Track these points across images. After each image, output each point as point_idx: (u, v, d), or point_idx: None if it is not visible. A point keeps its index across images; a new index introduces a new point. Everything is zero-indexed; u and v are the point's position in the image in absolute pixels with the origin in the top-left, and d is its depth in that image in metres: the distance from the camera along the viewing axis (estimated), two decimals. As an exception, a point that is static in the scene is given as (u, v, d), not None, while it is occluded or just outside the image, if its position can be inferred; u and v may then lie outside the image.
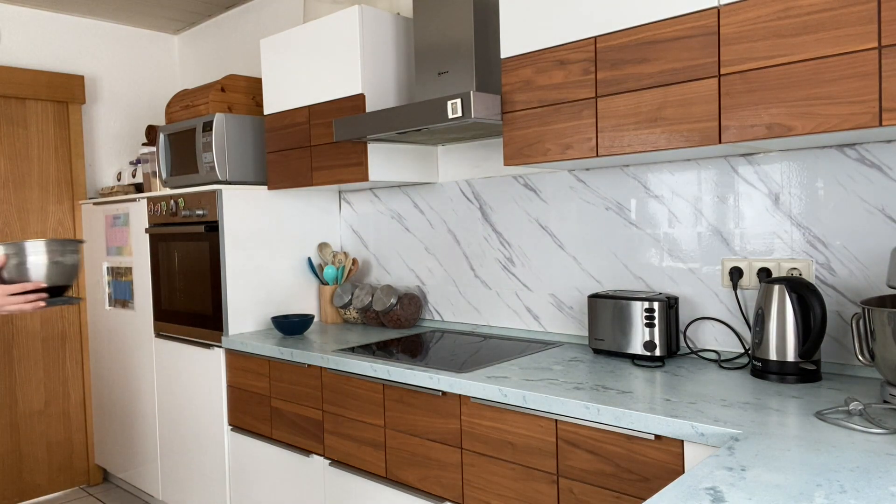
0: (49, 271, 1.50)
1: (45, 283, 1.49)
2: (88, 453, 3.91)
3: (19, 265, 1.48)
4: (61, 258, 1.51)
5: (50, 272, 1.50)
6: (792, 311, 1.75)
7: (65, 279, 1.52)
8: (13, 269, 1.48)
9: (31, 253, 1.48)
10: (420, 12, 2.43)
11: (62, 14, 3.84)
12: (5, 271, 1.47)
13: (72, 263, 1.54)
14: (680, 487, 1.11)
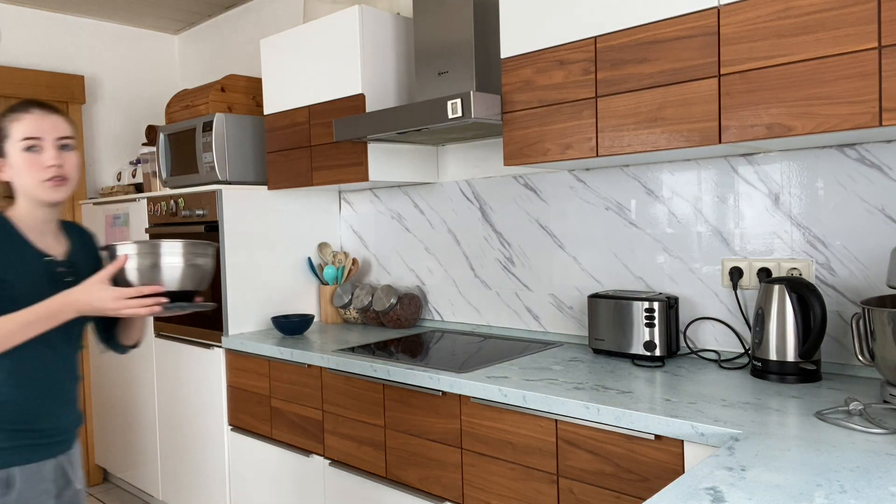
0: (183, 274, 1.42)
1: (175, 286, 1.42)
2: (88, 453, 3.91)
3: (152, 266, 1.41)
4: (196, 261, 1.43)
5: (184, 275, 1.42)
6: (792, 311, 1.75)
7: (196, 284, 1.44)
8: (145, 270, 1.41)
9: (167, 254, 1.40)
10: (420, 12, 2.43)
11: (62, 14, 3.85)
12: (137, 272, 1.41)
13: (207, 267, 1.46)
14: (680, 487, 1.11)
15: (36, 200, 1.47)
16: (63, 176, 1.46)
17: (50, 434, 1.48)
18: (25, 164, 1.43)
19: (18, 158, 1.44)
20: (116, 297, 1.37)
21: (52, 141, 1.45)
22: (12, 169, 1.45)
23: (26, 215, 1.49)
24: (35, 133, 1.44)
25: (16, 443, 1.42)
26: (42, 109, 1.47)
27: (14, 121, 1.44)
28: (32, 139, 1.43)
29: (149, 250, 1.41)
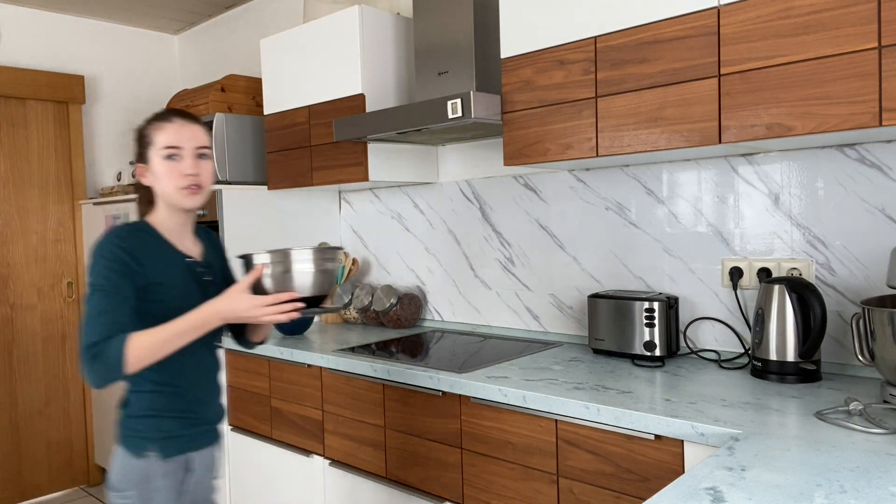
0: (315, 280, 1.47)
1: (308, 292, 1.47)
2: (88, 453, 3.91)
3: (284, 273, 1.46)
4: (325, 266, 1.48)
5: (315, 281, 1.47)
6: (792, 311, 1.75)
7: (325, 288, 1.49)
8: (278, 278, 1.46)
9: (298, 261, 1.45)
10: (420, 12, 2.43)
11: (62, 14, 3.84)
12: (270, 279, 1.47)
13: (334, 272, 1.51)
14: (680, 487, 1.11)
15: (177, 206, 1.54)
16: (199, 184, 1.52)
17: (210, 422, 1.60)
18: (165, 171, 1.50)
19: (159, 166, 1.50)
20: (257, 305, 1.42)
21: (191, 150, 1.52)
22: (153, 175, 1.52)
23: (166, 220, 1.56)
24: (175, 142, 1.50)
25: (190, 430, 1.54)
26: (183, 119, 1.53)
27: (157, 129, 1.51)
28: (173, 148, 1.50)
29: (281, 258, 1.46)
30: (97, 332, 1.37)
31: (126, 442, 1.50)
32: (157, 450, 1.49)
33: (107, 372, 1.35)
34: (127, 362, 1.35)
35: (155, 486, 1.49)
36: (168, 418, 1.51)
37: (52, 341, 3.80)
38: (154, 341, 1.38)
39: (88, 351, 1.35)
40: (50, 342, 3.79)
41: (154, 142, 1.51)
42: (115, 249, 1.44)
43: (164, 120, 1.52)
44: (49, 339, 3.79)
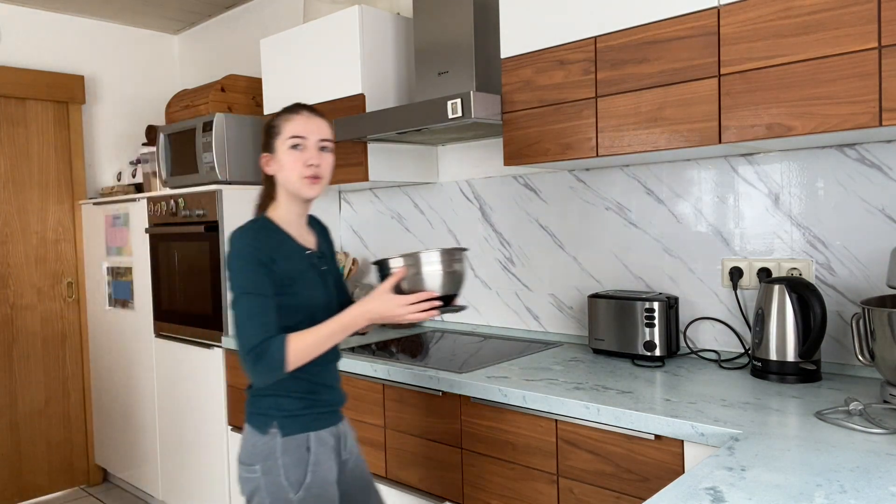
0: (444, 280, 1.53)
1: (439, 292, 1.53)
2: (88, 453, 3.92)
3: (415, 275, 1.52)
4: (453, 267, 1.54)
5: (444, 281, 1.53)
6: (792, 311, 1.75)
7: (455, 288, 1.55)
8: (410, 279, 1.52)
9: (427, 263, 1.52)
10: (420, 12, 2.43)
11: (62, 14, 3.85)
12: (405, 281, 1.53)
13: (461, 272, 1.57)
14: (680, 487, 1.11)
15: (294, 195, 1.60)
16: (319, 175, 1.59)
17: (330, 404, 1.63)
18: (289, 160, 1.57)
19: (285, 155, 1.57)
20: (401, 304, 1.50)
21: (315, 142, 1.59)
22: (278, 164, 1.59)
23: (286, 212, 1.62)
24: (301, 132, 1.57)
25: (311, 411, 1.59)
26: (310, 112, 1.61)
27: (285, 120, 1.58)
28: (298, 137, 1.57)
29: (413, 262, 1.53)
30: (255, 335, 1.45)
31: (252, 419, 1.59)
32: (278, 427, 1.56)
33: (269, 372, 1.45)
34: (287, 363, 1.45)
35: (277, 462, 1.54)
36: (288, 398, 1.57)
37: (52, 341, 3.80)
38: (310, 342, 1.47)
39: (250, 354, 1.45)
40: (50, 342, 3.79)
41: (282, 131, 1.58)
42: (253, 251, 1.50)
43: (293, 112, 1.60)
44: (49, 339, 3.79)
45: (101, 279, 3.68)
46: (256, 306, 1.47)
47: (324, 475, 1.58)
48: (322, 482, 1.57)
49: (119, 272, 3.53)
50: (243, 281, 1.48)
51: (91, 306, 3.83)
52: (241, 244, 1.50)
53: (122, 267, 3.50)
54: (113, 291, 3.59)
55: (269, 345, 1.44)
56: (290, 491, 1.53)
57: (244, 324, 1.46)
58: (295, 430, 1.56)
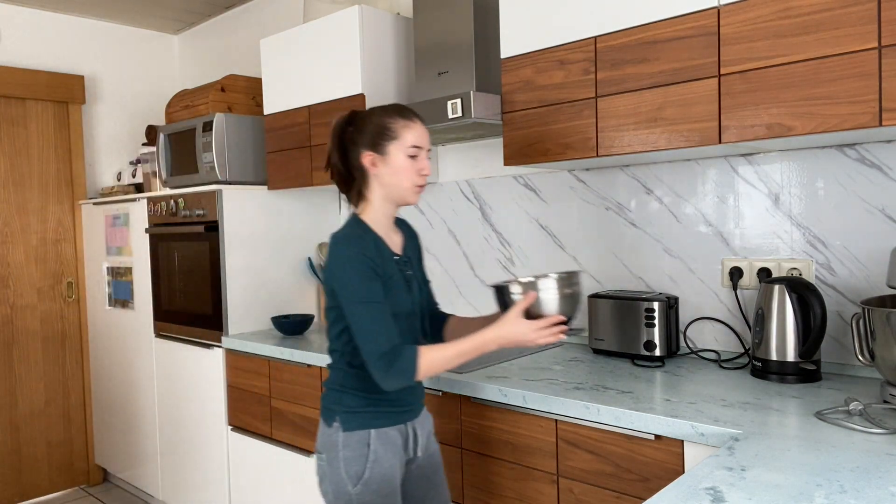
0: (566, 304, 1.56)
1: (562, 315, 1.55)
2: (88, 453, 3.92)
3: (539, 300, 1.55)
4: (574, 290, 1.58)
5: (566, 305, 1.56)
6: (792, 311, 1.75)
7: (575, 310, 1.58)
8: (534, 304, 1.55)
9: (548, 289, 1.54)
10: (420, 12, 2.43)
11: (62, 14, 3.85)
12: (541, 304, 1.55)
13: (580, 294, 1.60)
14: (680, 487, 1.11)
15: (397, 200, 1.62)
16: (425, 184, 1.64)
17: (398, 404, 1.63)
18: (406, 167, 1.58)
19: (402, 161, 1.57)
20: (534, 329, 1.51)
21: (426, 152, 1.62)
22: (389, 167, 1.58)
23: (380, 214, 1.63)
24: (421, 142, 1.59)
25: (372, 409, 1.60)
26: (420, 120, 1.63)
27: (406, 127, 1.58)
28: (418, 147, 1.59)
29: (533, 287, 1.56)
30: (383, 342, 1.48)
31: (322, 411, 1.65)
32: (339, 422, 1.59)
33: (400, 380, 1.48)
34: (418, 372, 1.48)
35: (339, 454, 1.58)
36: (351, 394, 1.60)
37: (52, 341, 3.80)
38: (440, 357, 1.50)
39: (380, 361, 1.47)
40: (50, 342, 3.79)
41: (401, 137, 1.57)
42: (364, 259, 1.51)
43: (411, 119, 1.60)
44: (49, 339, 3.79)
45: (101, 279, 3.68)
46: (377, 314, 1.49)
47: (383, 472, 1.59)
48: (380, 478, 1.58)
49: (119, 272, 3.53)
50: (358, 290, 1.49)
51: (91, 306, 3.83)
52: (351, 252, 1.51)
53: (122, 267, 3.50)
54: (113, 291, 3.59)
55: (401, 352, 1.47)
56: (349, 484, 1.57)
57: (369, 331, 1.48)
58: (354, 427, 1.59)
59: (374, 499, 1.57)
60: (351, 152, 1.62)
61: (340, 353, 1.61)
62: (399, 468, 1.62)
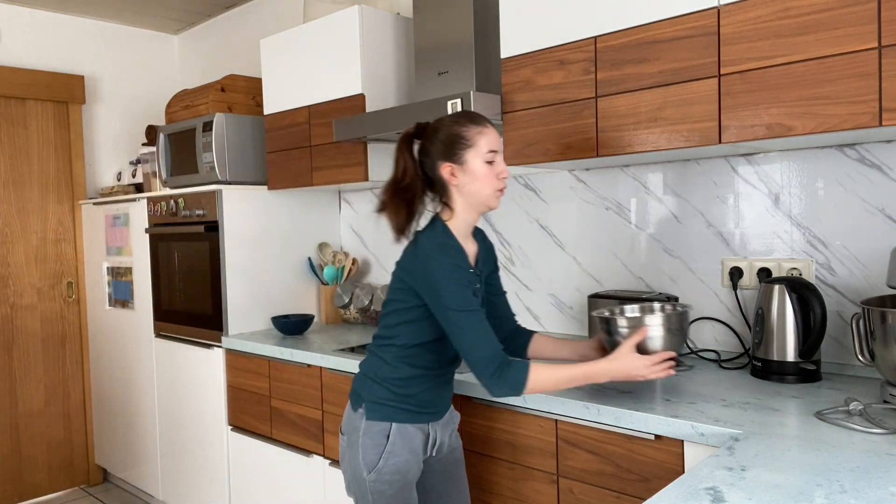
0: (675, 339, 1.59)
1: (671, 350, 1.58)
2: (88, 453, 3.92)
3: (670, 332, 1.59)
4: (682, 326, 1.61)
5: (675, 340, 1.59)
6: (792, 311, 1.75)
7: (681, 346, 1.62)
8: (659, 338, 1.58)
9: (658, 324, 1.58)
10: (420, 12, 2.43)
11: (62, 14, 3.85)
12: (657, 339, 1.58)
13: (687, 330, 1.64)
14: (680, 487, 1.11)
15: (480, 208, 1.62)
16: None
17: (425, 405, 1.64)
18: (486, 173, 1.58)
19: (481, 168, 1.57)
20: (647, 365, 1.52)
21: (501, 154, 1.62)
22: (468, 176, 1.58)
23: (463, 223, 1.63)
24: (496, 147, 1.59)
25: (397, 404, 1.62)
26: (492, 124, 1.62)
27: (480, 134, 1.58)
28: (494, 152, 1.59)
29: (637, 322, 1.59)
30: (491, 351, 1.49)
31: (351, 393, 1.70)
32: (364, 409, 1.63)
33: (509, 390, 1.49)
34: (527, 387, 1.49)
35: (359, 439, 1.62)
36: (380, 385, 1.62)
37: (52, 341, 3.80)
38: (551, 378, 1.51)
39: (489, 368, 1.48)
40: (50, 342, 3.79)
41: (477, 145, 1.57)
42: (459, 269, 1.53)
43: (483, 124, 1.59)
44: (49, 339, 3.79)
45: (101, 279, 3.68)
46: (480, 322, 1.50)
47: (397, 465, 1.61)
48: (394, 471, 1.60)
49: (119, 272, 3.53)
50: (458, 298, 1.50)
51: (91, 306, 3.83)
52: (450, 261, 1.52)
53: (122, 267, 3.50)
54: (113, 291, 3.59)
55: (511, 367, 1.49)
56: (364, 470, 1.61)
57: (476, 339, 1.49)
58: (378, 417, 1.62)
59: (386, 489, 1.60)
60: (425, 165, 1.62)
61: (388, 343, 1.63)
62: (415, 464, 1.64)
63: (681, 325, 1.60)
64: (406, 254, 1.61)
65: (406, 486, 1.63)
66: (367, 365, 1.68)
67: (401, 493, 1.62)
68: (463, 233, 1.63)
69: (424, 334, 1.60)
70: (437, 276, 1.51)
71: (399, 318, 1.61)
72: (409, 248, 1.61)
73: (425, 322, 1.59)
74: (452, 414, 1.76)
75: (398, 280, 1.61)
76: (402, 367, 1.62)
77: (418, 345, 1.61)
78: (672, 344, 1.58)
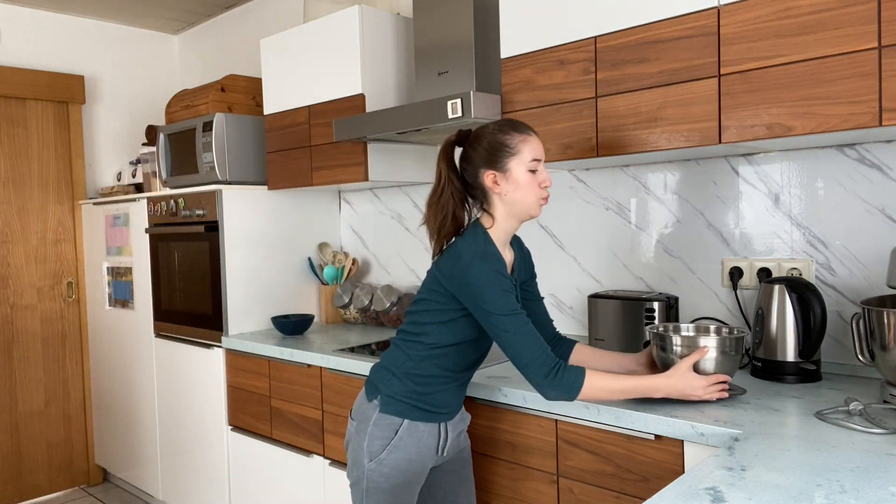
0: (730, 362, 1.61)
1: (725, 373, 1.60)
2: (88, 453, 3.92)
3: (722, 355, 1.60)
4: (738, 350, 1.63)
5: (730, 363, 1.61)
6: (792, 311, 1.75)
7: (734, 370, 1.63)
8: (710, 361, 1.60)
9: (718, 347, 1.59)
10: (420, 12, 2.43)
11: (62, 14, 3.85)
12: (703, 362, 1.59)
13: (742, 356, 1.66)
14: (680, 487, 1.11)
15: (522, 216, 1.62)
16: None
17: (437, 407, 1.65)
18: (529, 182, 1.57)
19: (525, 177, 1.57)
20: (703, 386, 1.54)
21: (543, 163, 1.61)
22: (511, 185, 1.58)
23: (502, 232, 1.63)
24: (539, 155, 1.59)
25: (410, 401, 1.63)
26: (535, 133, 1.62)
27: (523, 142, 1.58)
28: (537, 161, 1.58)
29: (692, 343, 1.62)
30: (544, 354, 1.50)
31: (367, 382, 1.72)
32: (379, 402, 1.65)
33: (563, 394, 1.50)
34: (581, 393, 1.49)
35: (368, 428, 1.64)
36: (398, 379, 1.64)
37: (52, 341, 3.80)
38: (606, 387, 1.51)
39: (543, 369, 1.49)
40: (50, 342, 3.79)
41: (520, 152, 1.57)
42: (501, 277, 1.53)
43: (527, 133, 1.59)
44: (49, 339, 3.79)
45: (101, 279, 3.68)
46: (523, 324, 1.51)
47: (398, 462, 1.62)
48: (394, 466, 1.62)
49: (119, 272, 3.53)
50: (503, 304, 1.51)
51: (91, 306, 3.83)
52: (493, 268, 1.52)
53: (122, 267, 3.50)
54: (113, 291, 3.59)
55: (568, 372, 1.50)
56: (366, 458, 1.63)
57: (524, 342, 1.50)
58: (391, 411, 1.63)
59: (382, 481, 1.62)
60: (466, 172, 1.62)
61: (416, 340, 1.64)
62: (419, 465, 1.65)
63: (737, 348, 1.62)
64: (446, 257, 1.60)
65: (404, 486, 1.63)
66: (389, 358, 1.69)
67: (396, 490, 1.62)
68: (502, 241, 1.63)
69: (456, 336, 1.61)
70: (480, 283, 1.51)
71: (432, 318, 1.62)
72: (450, 252, 1.60)
73: (458, 324, 1.60)
74: (463, 414, 1.77)
75: (435, 282, 1.61)
76: (426, 365, 1.62)
77: (448, 345, 1.62)
78: (727, 367, 1.60)
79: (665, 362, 1.64)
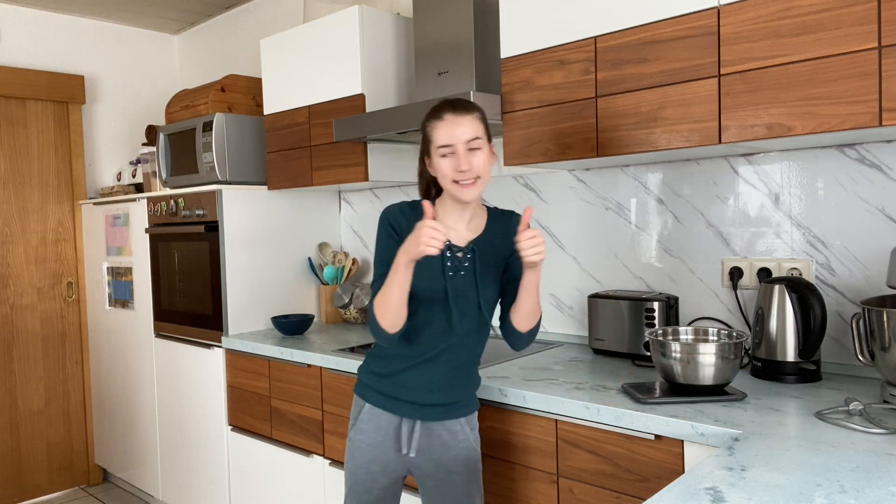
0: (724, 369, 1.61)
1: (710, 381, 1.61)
2: (88, 453, 3.92)
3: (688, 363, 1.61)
4: (734, 356, 1.62)
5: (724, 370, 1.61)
6: (792, 311, 1.75)
7: (732, 375, 1.63)
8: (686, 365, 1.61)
9: (707, 353, 1.60)
10: (420, 12, 2.43)
11: (62, 14, 3.84)
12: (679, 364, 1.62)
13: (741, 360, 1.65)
14: (680, 487, 1.11)
15: (452, 199, 1.63)
16: (470, 178, 1.56)
17: (392, 392, 1.69)
18: (441, 168, 1.58)
19: (437, 161, 1.59)
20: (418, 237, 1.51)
21: (463, 145, 1.55)
22: (434, 169, 1.62)
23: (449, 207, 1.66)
24: (447, 142, 1.56)
25: (374, 385, 1.70)
26: (454, 114, 1.57)
27: (433, 128, 1.59)
28: (445, 147, 1.56)
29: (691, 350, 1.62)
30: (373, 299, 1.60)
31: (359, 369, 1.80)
32: (361, 389, 1.74)
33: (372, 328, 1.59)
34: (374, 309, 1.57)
35: (357, 413, 1.73)
36: (370, 360, 1.74)
37: (52, 341, 3.80)
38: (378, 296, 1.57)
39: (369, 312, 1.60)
40: (50, 342, 3.79)
41: (432, 139, 1.59)
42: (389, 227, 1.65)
43: (437, 118, 1.58)
44: (49, 339, 3.79)
45: (101, 279, 3.68)
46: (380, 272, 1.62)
47: (360, 443, 1.71)
48: (358, 446, 1.71)
49: (119, 272, 3.53)
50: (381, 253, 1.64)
51: (91, 306, 3.83)
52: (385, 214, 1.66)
53: (122, 267, 3.50)
54: (113, 291, 3.59)
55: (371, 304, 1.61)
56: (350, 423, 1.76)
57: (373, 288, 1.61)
58: (358, 391, 1.75)
59: (354, 452, 1.72)
60: None
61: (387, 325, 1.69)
62: (380, 453, 1.70)
63: (736, 353, 1.61)
64: None
65: (365, 464, 1.70)
66: (376, 346, 1.76)
67: (357, 471, 1.70)
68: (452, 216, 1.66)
69: None
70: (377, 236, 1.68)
71: None
72: None
73: None
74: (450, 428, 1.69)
75: None
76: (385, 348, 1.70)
77: None
78: (726, 372, 1.61)
79: (664, 368, 1.65)
